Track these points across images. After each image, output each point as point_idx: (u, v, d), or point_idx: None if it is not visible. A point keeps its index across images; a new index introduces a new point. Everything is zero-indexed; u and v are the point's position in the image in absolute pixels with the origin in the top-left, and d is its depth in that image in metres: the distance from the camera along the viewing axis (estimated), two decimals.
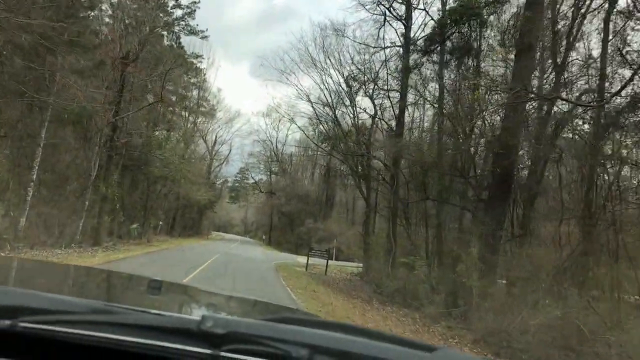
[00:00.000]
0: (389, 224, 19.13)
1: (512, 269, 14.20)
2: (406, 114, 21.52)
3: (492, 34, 15.94)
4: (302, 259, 33.63)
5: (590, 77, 15.93)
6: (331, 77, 23.92)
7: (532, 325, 10.08)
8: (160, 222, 45.83)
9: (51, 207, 20.45)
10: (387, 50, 22.10)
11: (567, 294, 10.99)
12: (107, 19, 25.17)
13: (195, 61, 49.04)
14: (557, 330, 9.31)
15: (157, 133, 30.72)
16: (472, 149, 17.05)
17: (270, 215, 66.58)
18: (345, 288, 20.77)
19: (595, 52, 16.16)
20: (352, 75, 24.09)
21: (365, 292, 20.66)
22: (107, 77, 22.11)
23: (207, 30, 48.74)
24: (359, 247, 49.33)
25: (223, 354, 0.99)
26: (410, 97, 20.87)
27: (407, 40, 19.73)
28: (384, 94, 22.19)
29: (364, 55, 22.54)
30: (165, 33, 41.81)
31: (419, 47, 17.98)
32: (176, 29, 45.36)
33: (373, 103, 24.10)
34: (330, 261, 25.47)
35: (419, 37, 19.30)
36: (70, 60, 17.61)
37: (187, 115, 40.68)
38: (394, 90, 21.03)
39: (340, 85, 24.34)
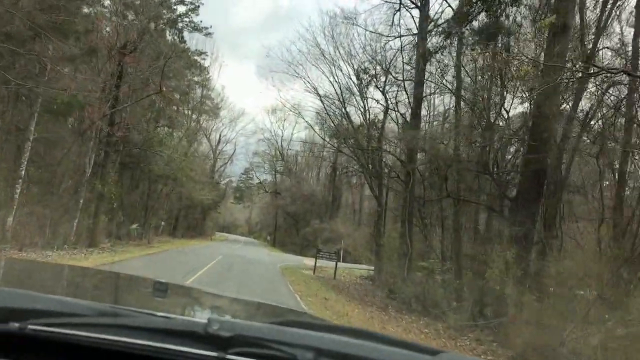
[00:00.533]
0: (405, 224, 17.57)
1: (547, 275, 12.61)
2: (423, 106, 19.92)
3: (522, 14, 14.36)
4: (308, 261, 32.07)
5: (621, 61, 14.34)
6: (341, 70, 22.38)
7: (585, 342, 8.52)
8: (162, 223, 44.39)
9: (42, 206, 18.98)
10: (402, 39, 20.54)
11: (622, 305, 9.37)
12: (104, 9, 23.70)
13: (198, 58, 47.72)
14: (621, 352, 7.71)
15: (158, 129, 29.21)
16: (496, 142, 15.46)
17: (275, 216, 65.07)
18: (357, 294, 19.22)
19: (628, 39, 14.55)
20: (363, 68, 22.55)
21: (379, 298, 19.14)
22: (103, 68, 20.65)
23: (210, 27, 47.39)
24: (366, 248, 47.70)
25: (229, 357, 0.99)
26: (428, 90, 19.32)
27: (424, 26, 18.16)
28: (399, 85, 20.63)
29: (376, 44, 21.00)
30: (168, 29, 40.52)
31: (442, 29, 16.43)
32: (179, 25, 44.20)
33: (385, 96, 22.56)
34: (329, 261, 23.95)
35: (438, 22, 17.74)
36: (60, 47, 16.13)
37: (189, 112, 39.19)
38: (409, 80, 19.44)
39: (350, 78, 22.81)
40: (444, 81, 17.31)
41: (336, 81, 22.31)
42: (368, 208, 57.02)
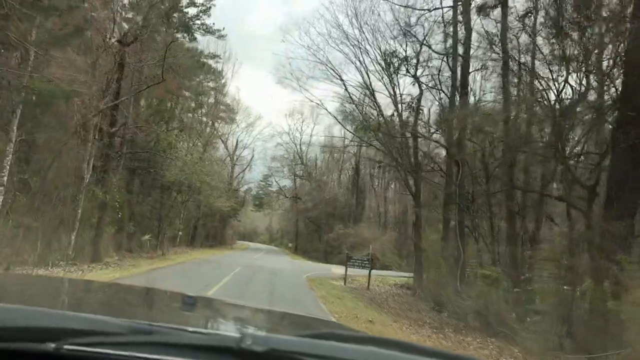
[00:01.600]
0: (452, 225, 14.46)
1: None
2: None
3: None
4: (336, 269, 29.01)
5: None
6: (367, 54, 19.41)
7: None
8: (180, 233, 41.86)
9: (32, 218, 16.40)
10: (436, 11, 17.47)
11: None
12: None
13: (212, 62, 45.30)
14: None
15: (168, 131, 26.58)
16: (571, 119, 12.29)
17: (296, 222, 62.19)
18: (399, 308, 16.18)
19: None
20: (391, 51, 19.58)
21: (425, 312, 16.08)
22: (98, 57, 18.06)
23: (223, 29, 45.04)
24: (394, 253, 44.41)
25: None
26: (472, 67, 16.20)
27: None
28: (435, 68, 17.63)
29: (409, 17, 17.99)
30: (179, 33, 38.30)
31: None
32: (192, 27, 41.88)
33: (417, 81, 19.54)
34: (365, 270, 20.88)
35: None
36: (43, 28, 13.55)
37: (202, 115, 36.62)
38: (443, 54, 16.41)
39: (379, 63, 19.82)
40: (496, 50, 14.23)
41: (363, 65, 19.37)
42: (392, 210, 53.82)
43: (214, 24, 46.59)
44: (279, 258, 41.25)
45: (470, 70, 15.83)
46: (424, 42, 17.29)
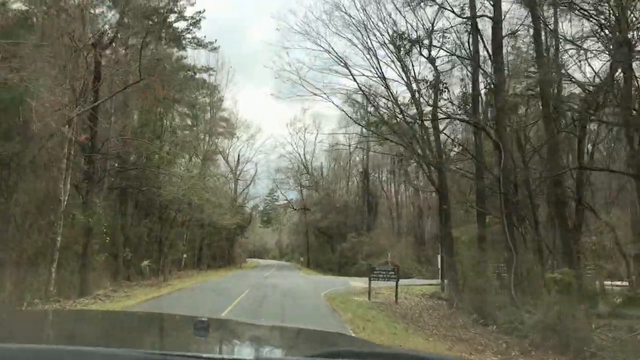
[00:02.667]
0: (503, 219, 11.73)
1: None
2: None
3: None
4: (355, 283, 26.21)
5: None
6: (374, 35, 16.84)
7: None
8: (184, 255, 39.20)
9: None
10: None
11: None
12: None
13: (205, 75, 43.03)
14: None
15: (162, 145, 24.02)
16: None
17: (306, 234, 59.37)
18: (439, 324, 13.42)
19: None
20: (399, 33, 17.03)
21: (468, 327, 13.34)
22: (69, 63, 15.61)
23: (215, 41, 42.90)
24: (412, 259, 41.52)
25: None
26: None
27: None
28: (457, 36, 15.03)
29: None
30: (170, 47, 36.21)
31: None
32: (182, 41, 39.75)
33: (433, 64, 16.96)
34: (389, 282, 18.06)
35: None
36: None
37: (198, 127, 34.13)
38: (470, 18, 13.81)
39: (388, 47, 17.25)
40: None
41: (372, 53, 16.77)
42: (405, 214, 50.99)
43: (205, 37, 44.43)
44: (290, 274, 38.42)
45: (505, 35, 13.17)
46: (442, 4, 14.68)
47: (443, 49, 16.75)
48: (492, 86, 12.67)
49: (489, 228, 16.69)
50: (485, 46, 12.61)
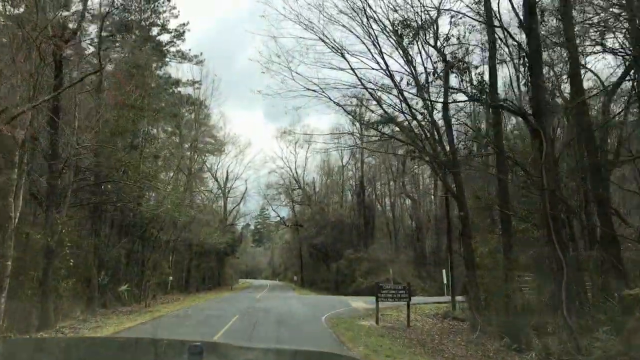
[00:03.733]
0: (548, 223, 9.37)
1: None
2: None
3: None
4: (356, 303, 23.62)
5: None
6: (377, 23, 14.66)
7: None
8: (170, 278, 36.32)
9: None
10: None
11: None
12: None
13: (191, 89, 40.79)
14: None
15: (142, 155, 21.47)
16: None
17: (299, 252, 56.67)
18: (468, 354, 10.95)
19: None
20: (402, 20, 14.92)
21: (500, 354, 10.95)
22: (20, 55, 13.23)
23: (201, 54, 40.88)
24: (414, 275, 38.95)
25: None
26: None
27: None
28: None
29: None
30: (154, 62, 34.12)
31: None
32: (166, 56, 37.69)
33: (439, 51, 14.82)
34: (395, 302, 15.48)
35: None
36: None
37: (180, 135, 31.62)
38: None
39: (390, 35, 15.07)
40: None
41: (370, 35, 14.59)
42: (402, 228, 48.57)
43: (190, 50, 42.34)
44: (284, 295, 35.63)
45: None
46: None
47: (449, 46, 14.66)
48: (525, 59, 10.47)
49: (514, 236, 14.35)
50: (515, 11, 10.43)
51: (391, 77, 14.70)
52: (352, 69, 14.96)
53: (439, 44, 15.25)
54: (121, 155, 18.90)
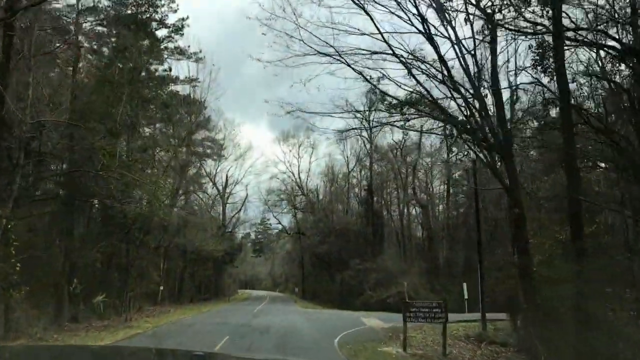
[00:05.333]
0: None
1: None
2: None
3: None
4: (370, 320, 20.03)
5: None
6: None
7: None
8: (161, 287, 32.84)
9: None
10: None
11: None
12: None
13: (188, 87, 37.66)
14: None
15: (129, 141, 18.18)
16: None
17: (301, 262, 53.12)
18: None
19: None
20: None
21: None
22: None
23: (200, 51, 37.81)
24: (425, 288, 35.36)
25: None
26: None
27: None
28: None
29: None
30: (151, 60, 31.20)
31: None
32: (163, 52, 34.69)
33: (482, 10, 11.62)
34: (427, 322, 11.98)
35: None
36: None
37: (171, 125, 28.22)
38: None
39: None
40: None
41: None
42: (414, 238, 45.08)
43: (189, 46, 39.36)
44: (285, 308, 32.05)
45: None
46: None
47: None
48: None
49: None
50: None
51: (430, 38, 11.45)
52: (377, 28, 11.73)
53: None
54: (95, 140, 15.62)
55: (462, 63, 11.79)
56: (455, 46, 11.79)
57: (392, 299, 30.73)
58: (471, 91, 11.76)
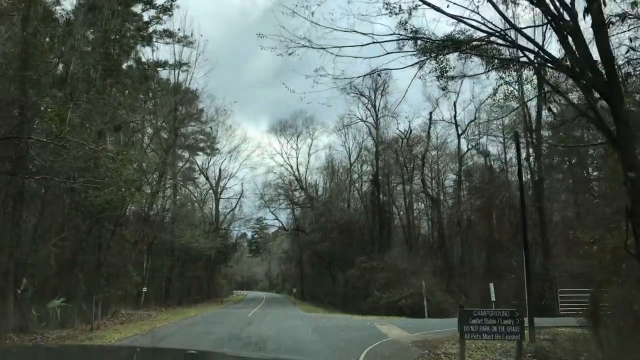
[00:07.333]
0: None
1: None
2: None
3: None
4: (388, 329, 16.12)
5: None
6: None
7: None
8: (144, 289, 28.95)
9: None
10: None
11: None
12: None
13: (179, 71, 33.79)
14: None
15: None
16: None
17: (300, 261, 49.30)
18: None
19: None
20: None
21: None
22: None
23: (192, 34, 33.98)
24: (441, 290, 31.39)
25: None
26: None
27: None
28: None
29: None
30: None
31: None
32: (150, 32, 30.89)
33: None
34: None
35: None
36: None
37: (152, 101, 24.26)
38: None
39: None
40: None
41: None
42: (423, 234, 41.36)
43: (179, 29, 35.62)
44: (284, 312, 28.19)
45: None
46: None
47: None
48: None
49: None
50: None
51: None
52: None
53: None
54: (38, 98, 11.76)
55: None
56: None
57: (404, 301, 26.98)
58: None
